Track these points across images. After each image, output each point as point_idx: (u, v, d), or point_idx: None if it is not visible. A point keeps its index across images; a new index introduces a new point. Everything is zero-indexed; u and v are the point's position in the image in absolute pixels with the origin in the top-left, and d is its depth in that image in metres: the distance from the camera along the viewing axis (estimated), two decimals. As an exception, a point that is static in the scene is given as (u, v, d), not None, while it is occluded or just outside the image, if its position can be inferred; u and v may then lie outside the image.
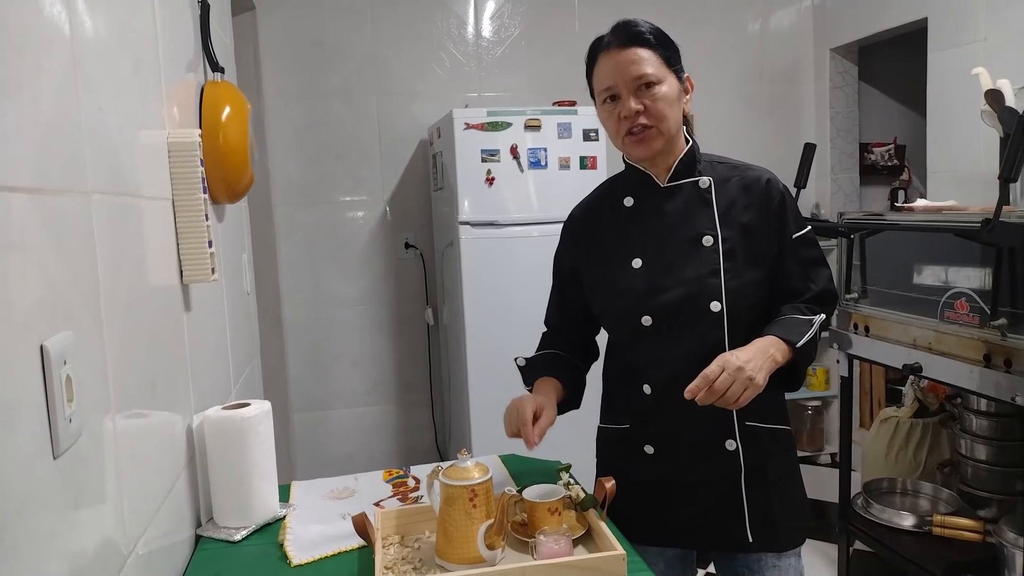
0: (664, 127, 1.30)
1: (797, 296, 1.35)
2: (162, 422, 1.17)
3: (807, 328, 1.28)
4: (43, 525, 0.71)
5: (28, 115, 0.74)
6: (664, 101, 1.29)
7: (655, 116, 1.29)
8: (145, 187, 1.15)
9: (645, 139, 1.31)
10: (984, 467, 2.30)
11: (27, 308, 0.71)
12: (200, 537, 1.31)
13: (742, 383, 1.16)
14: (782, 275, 1.36)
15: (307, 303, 3.38)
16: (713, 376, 1.16)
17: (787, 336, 1.26)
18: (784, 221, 1.35)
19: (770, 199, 1.35)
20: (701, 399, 1.16)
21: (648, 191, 1.39)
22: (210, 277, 1.35)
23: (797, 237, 1.36)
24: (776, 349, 1.24)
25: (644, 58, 1.29)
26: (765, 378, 1.20)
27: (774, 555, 1.37)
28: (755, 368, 1.18)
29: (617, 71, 1.29)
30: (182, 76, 1.48)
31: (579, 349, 1.54)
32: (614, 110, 1.32)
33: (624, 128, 1.31)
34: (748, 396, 1.17)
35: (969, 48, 2.82)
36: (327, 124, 3.34)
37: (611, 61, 1.30)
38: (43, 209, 0.76)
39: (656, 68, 1.29)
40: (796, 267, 1.36)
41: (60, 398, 0.75)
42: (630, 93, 1.29)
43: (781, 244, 1.35)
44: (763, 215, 1.34)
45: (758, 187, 1.36)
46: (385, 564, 1.15)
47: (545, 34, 3.50)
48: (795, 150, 3.37)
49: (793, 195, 1.41)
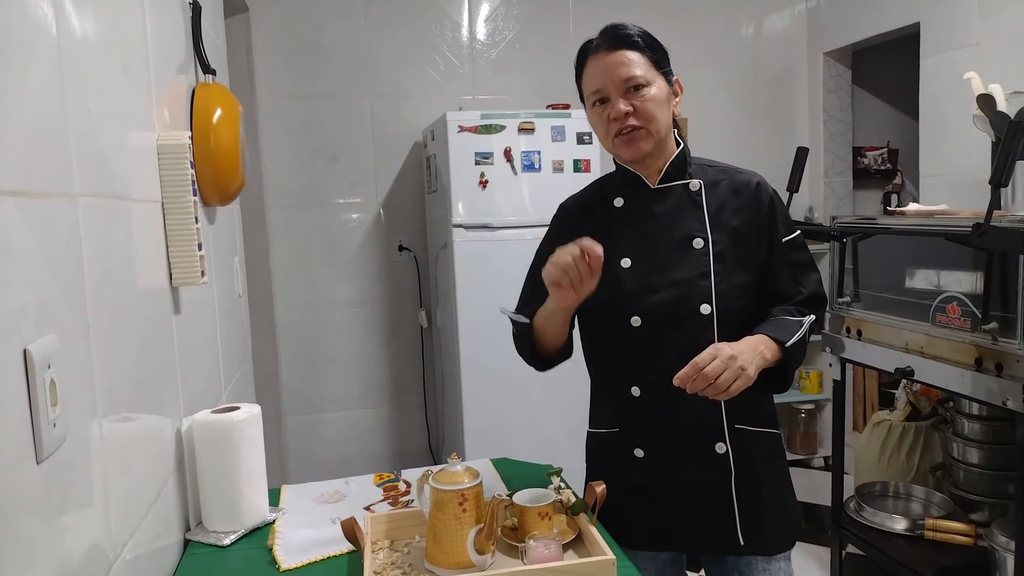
0: (654, 128, 1.31)
1: (786, 300, 1.36)
2: (150, 426, 1.16)
3: (797, 328, 1.28)
4: (27, 531, 0.71)
5: (12, 117, 0.73)
6: (653, 102, 1.30)
7: (644, 117, 1.30)
8: (134, 189, 1.14)
9: (634, 140, 1.31)
10: (976, 471, 2.31)
11: (10, 312, 0.70)
12: (189, 541, 1.31)
13: (734, 371, 1.16)
14: (771, 279, 1.36)
15: (300, 305, 3.37)
16: (704, 363, 1.16)
17: (777, 335, 1.26)
18: (774, 225, 1.35)
19: (760, 203, 1.35)
20: (692, 386, 1.16)
21: (638, 192, 1.39)
22: (200, 280, 1.35)
23: (787, 241, 1.37)
24: (766, 347, 1.24)
25: (633, 60, 1.29)
26: (755, 372, 1.20)
27: (764, 559, 1.37)
28: (747, 360, 1.18)
29: (606, 73, 1.30)
30: (173, 78, 1.47)
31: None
32: (603, 112, 1.32)
33: (614, 129, 1.31)
34: (739, 386, 1.17)
35: (961, 53, 2.83)
36: (321, 126, 3.33)
37: (600, 64, 1.31)
38: (28, 212, 0.75)
39: (644, 70, 1.29)
40: (786, 271, 1.36)
41: (44, 402, 0.74)
42: (619, 95, 1.29)
43: (771, 248, 1.35)
44: (753, 219, 1.35)
45: (748, 190, 1.36)
46: (375, 569, 1.14)
47: (539, 37, 3.50)
48: (788, 154, 3.38)
49: (785, 199, 1.41)
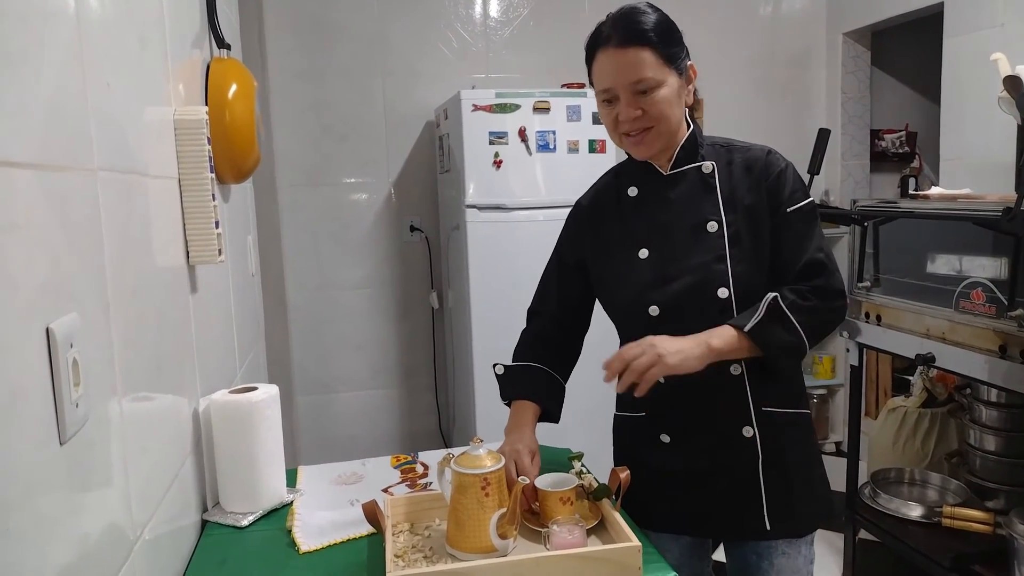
0: (663, 127, 1.28)
1: (790, 269, 1.31)
2: (168, 406, 1.15)
3: (758, 311, 1.25)
4: (50, 510, 0.69)
5: (32, 89, 0.71)
6: (664, 103, 1.26)
7: (654, 118, 1.27)
8: (151, 165, 1.12)
9: (644, 141, 1.29)
10: (993, 458, 2.29)
11: (33, 289, 0.68)
12: (206, 522, 1.30)
13: (651, 356, 1.19)
14: (776, 249, 1.31)
15: (311, 286, 3.35)
16: (624, 352, 1.22)
17: (737, 322, 1.26)
18: (779, 193, 1.31)
19: (767, 174, 1.32)
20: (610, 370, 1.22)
21: (651, 179, 1.37)
22: (217, 258, 1.33)
23: (794, 209, 1.31)
24: (716, 336, 1.24)
25: (644, 60, 1.24)
26: (684, 361, 1.21)
27: (786, 542, 1.36)
28: (672, 350, 1.21)
29: (616, 73, 1.26)
30: (188, 52, 1.44)
31: (564, 351, 1.50)
32: (612, 111, 1.29)
33: (621, 130, 1.29)
34: (654, 373, 1.19)
35: (986, 34, 2.77)
36: (332, 104, 3.29)
37: (610, 61, 1.26)
38: (48, 186, 0.73)
39: (655, 71, 1.24)
40: (791, 240, 1.31)
41: (66, 382, 0.73)
42: (628, 96, 1.26)
43: (774, 216, 1.31)
44: (760, 191, 1.31)
45: (759, 165, 1.33)
46: (396, 552, 1.13)
47: (554, 15, 3.44)
48: (805, 136, 3.34)
49: (798, 171, 1.37)
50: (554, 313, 1.50)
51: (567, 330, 1.51)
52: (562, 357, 1.50)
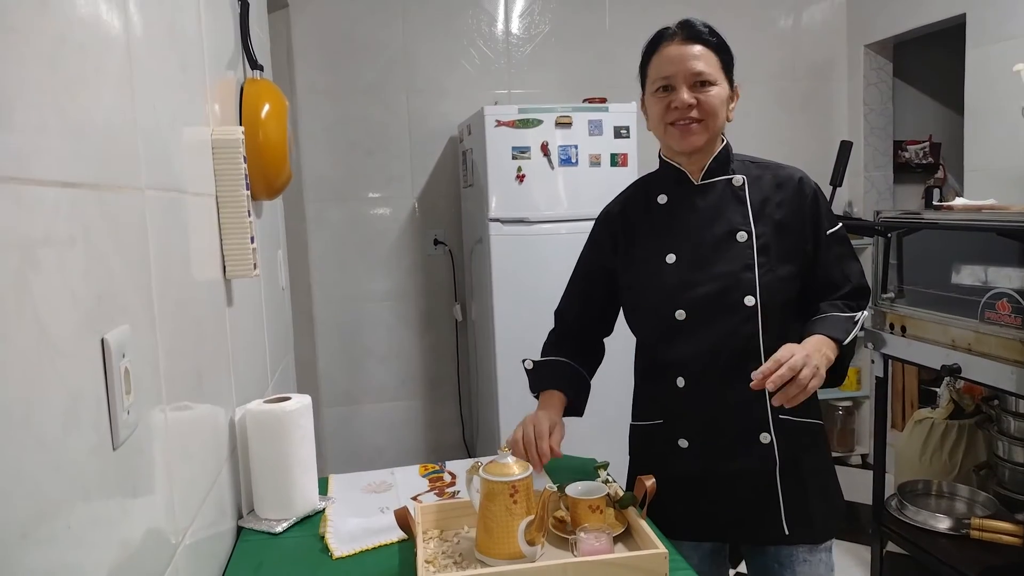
0: (712, 123, 1.33)
1: (835, 290, 1.38)
2: (207, 414, 1.19)
3: (851, 325, 1.31)
4: (104, 512, 0.73)
5: (90, 112, 0.75)
6: (717, 99, 1.33)
7: (706, 111, 1.32)
8: (191, 183, 1.17)
9: (690, 132, 1.33)
10: (1022, 470, 2.27)
11: (90, 301, 0.72)
12: (241, 529, 1.33)
13: (812, 369, 1.17)
14: (820, 270, 1.38)
15: (337, 298, 3.41)
16: (785, 359, 1.16)
17: (833, 334, 1.28)
18: (819, 218, 1.38)
19: (803, 196, 1.37)
20: (775, 380, 1.14)
21: (682, 188, 1.41)
22: (252, 272, 1.37)
23: (831, 233, 1.39)
24: (828, 347, 1.26)
25: (707, 57, 1.32)
26: (824, 372, 1.22)
27: (806, 549, 1.38)
28: (819, 360, 1.20)
29: (679, 62, 1.32)
30: (223, 74, 1.49)
31: (588, 349, 1.56)
32: (666, 98, 1.33)
33: (671, 117, 1.33)
34: (815, 385, 1.18)
35: (1009, 44, 2.77)
36: (357, 121, 3.36)
37: (674, 52, 1.33)
38: (104, 204, 0.77)
39: (714, 69, 1.33)
40: (833, 262, 1.39)
41: (119, 390, 0.76)
42: (686, 86, 1.31)
43: (816, 239, 1.37)
44: (797, 212, 1.36)
45: (791, 184, 1.38)
46: (426, 558, 1.16)
47: (574, 32, 3.48)
48: (828, 147, 3.34)
49: (827, 193, 1.43)
50: (579, 314, 1.55)
51: (592, 330, 1.56)
52: (587, 355, 1.55)
